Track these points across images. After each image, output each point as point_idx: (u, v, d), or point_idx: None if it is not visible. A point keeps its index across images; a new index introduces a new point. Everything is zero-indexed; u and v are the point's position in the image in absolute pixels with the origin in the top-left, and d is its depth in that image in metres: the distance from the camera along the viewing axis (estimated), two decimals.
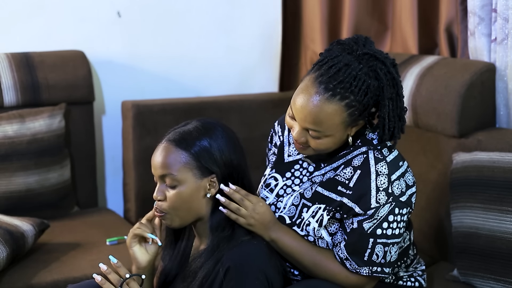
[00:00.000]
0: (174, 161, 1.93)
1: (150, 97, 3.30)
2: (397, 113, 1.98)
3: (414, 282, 2.17)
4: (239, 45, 3.52)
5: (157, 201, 1.97)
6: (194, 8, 3.42)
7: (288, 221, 2.07)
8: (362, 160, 2.00)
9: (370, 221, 1.96)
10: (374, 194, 1.96)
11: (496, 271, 2.26)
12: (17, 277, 2.47)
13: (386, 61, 1.96)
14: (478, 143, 2.45)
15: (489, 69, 2.55)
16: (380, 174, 1.97)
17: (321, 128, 1.94)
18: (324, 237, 2.03)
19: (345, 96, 1.92)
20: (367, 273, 1.99)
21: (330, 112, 1.92)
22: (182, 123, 2.01)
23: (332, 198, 2.02)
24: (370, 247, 1.98)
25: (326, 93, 1.92)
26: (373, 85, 1.93)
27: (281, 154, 2.18)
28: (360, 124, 2.00)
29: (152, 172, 1.98)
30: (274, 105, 3.35)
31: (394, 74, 1.96)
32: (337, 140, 1.99)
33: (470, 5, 2.63)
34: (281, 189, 2.13)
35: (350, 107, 1.93)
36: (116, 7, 3.30)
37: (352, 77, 1.92)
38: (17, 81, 3.00)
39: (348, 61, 1.94)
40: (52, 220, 2.82)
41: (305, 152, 2.04)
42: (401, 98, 1.99)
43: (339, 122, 1.94)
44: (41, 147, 2.93)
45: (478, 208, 2.31)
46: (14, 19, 3.15)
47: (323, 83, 1.93)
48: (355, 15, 3.19)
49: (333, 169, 2.06)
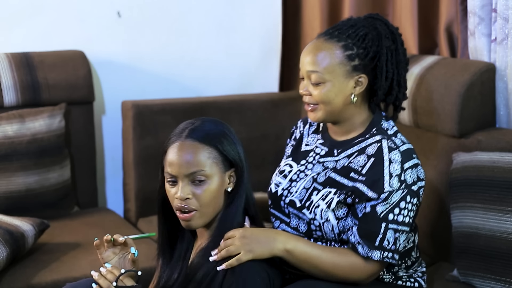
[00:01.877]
0: (204, 157, 1.93)
1: (150, 97, 3.30)
2: (395, 65, 2.10)
3: (413, 283, 2.17)
4: (239, 45, 3.52)
5: (183, 200, 1.93)
6: (194, 8, 3.42)
7: (298, 204, 2.10)
8: (376, 148, 2.05)
9: (383, 205, 2.00)
10: (387, 180, 2.00)
11: (496, 271, 2.26)
12: (17, 277, 2.47)
13: (388, 23, 2.12)
14: (478, 143, 2.45)
15: (489, 69, 2.55)
16: (393, 161, 2.02)
17: (318, 67, 2.06)
18: (330, 220, 2.05)
19: (342, 38, 2.07)
20: (379, 257, 2.00)
21: (327, 51, 2.06)
22: (187, 122, 2.00)
23: (344, 184, 2.05)
24: (382, 232, 2.00)
25: (325, 36, 2.10)
26: (371, 34, 2.08)
27: (299, 144, 2.25)
28: (364, 81, 2.09)
29: (172, 172, 1.93)
30: (274, 105, 3.35)
31: (394, 30, 2.11)
32: (338, 90, 2.07)
33: (470, 5, 2.63)
34: (295, 175, 2.17)
35: (348, 48, 2.06)
36: (116, 7, 3.30)
37: (350, 26, 2.09)
38: (17, 81, 3.00)
39: (350, 18, 2.15)
40: (52, 220, 2.82)
41: (315, 114, 2.11)
42: (399, 52, 2.11)
43: (336, 63, 2.06)
44: (41, 147, 2.93)
45: (478, 208, 2.31)
46: (14, 19, 3.15)
47: (323, 33, 2.12)
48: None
49: (347, 156, 2.11)
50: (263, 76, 3.59)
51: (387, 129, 2.12)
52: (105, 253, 2.04)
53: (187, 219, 1.95)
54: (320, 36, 2.11)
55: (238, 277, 1.89)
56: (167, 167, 1.95)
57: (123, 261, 2.04)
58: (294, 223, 2.13)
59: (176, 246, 2.07)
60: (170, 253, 2.08)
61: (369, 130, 2.12)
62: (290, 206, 2.13)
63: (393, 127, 2.14)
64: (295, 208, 2.11)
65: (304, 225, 2.11)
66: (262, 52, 3.57)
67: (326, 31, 2.12)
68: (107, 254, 2.04)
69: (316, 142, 2.21)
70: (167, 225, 2.06)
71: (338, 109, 2.10)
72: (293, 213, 2.13)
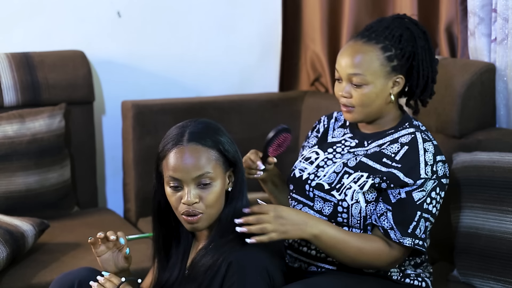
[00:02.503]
0: (208, 159, 1.93)
1: (150, 97, 3.30)
2: (430, 63, 2.16)
3: (421, 282, 2.17)
4: (239, 45, 3.52)
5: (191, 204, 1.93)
6: (194, 8, 3.42)
7: (327, 187, 2.12)
8: (410, 138, 2.11)
9: (419, 191, 2.04)
10: (423, 167, 2.05)
11: (496, 271, 2.26)
12: (17, 277, 2.47)
13: (416, 21, 2.19)
14: (478, 143, 2.45)
15: (489, 69, 2.55)
16: (428, 151, 2.08)
17: (361, 69, 2.10)
18: (360, 201, 2.07)
19: (380, 40, 2.12)
20: (410, 244, 2.04)
21: (368, 53, 2.11)
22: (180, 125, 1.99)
23: (377, 168, 2.09)
24: (416, 219, 2.04)
25: (363, 39, 2.14)
26: (406, 34, 2.13)
27: (325, 136, 2.29)
28: (401, 81, 2.14)
29: (177, 177, 1.92)
30: (274, 105, 3.35)
31: (424, 30, 2.18)
32: (379, 91, 2.11)
33: (470, 5, 2.63)
34: (322, 161, 2.20)
35: (387, 50, 2.11)
36: (116, 7, 3.30)
37: (385, 27, 2.14)
38: (17, 81, 3.00)
39: (381, 19, 2.19)
40: (52, 220, 2.82)
41: (351, 115, 2.15)
42: (432, 51, 2.16)
43: (378, 65, 2.10)
44: (41, 147, 2.93)
45: (478, 208, 2.31)
46: (14, 19, 3.16)
47: (359, 35, 2.16)
48: (355, 15, 3.19)
49: (378, 145, 2.15)
50: (263, 76, 3.59)
51: (418, 125, 2.19)
52: (99, 248, 2.05)
53: (193, 222, 1.95)
54: (357, 39, 2.15)
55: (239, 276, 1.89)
56: (169, 172, 1.94)
57: (116, 256, 2.05)
58: (318, 206, 2.14)
59: (172, 249, 2.07)
60: (166, 255, 2.07)
61: (402, 124, 2.18)
62: (317, 189, 2.14)
63: (423, 126, 2.20)
64: (322, 191, 2.13)
65: (329, 208, 2.12)
66: (262, 52, 3.57)
67: (362, 33, 2.16)
68: (101, 249, 2.05)
69: (344, 136, 2.25)
70: (162, 229, 2.06)
71: (376, 109, 2.15)
72: (319, 196, 2.14)
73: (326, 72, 3.36)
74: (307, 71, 3.50)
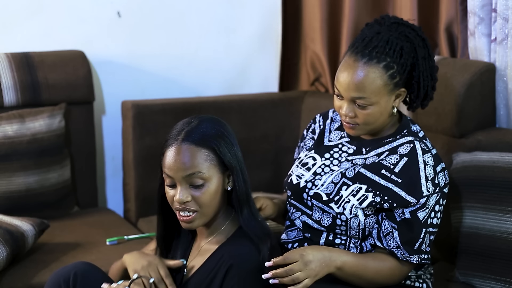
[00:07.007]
0: (201, 159, 1.93)
1: (150, 97, 3.30)
2: (430, 72, 2.11)
3: (422, 283, 2.17)
4: (239, 45, 3.52)
5: (182, 203, 1.94)
6: (194, 8, 3.42)
7: (325, 197, 2.11)
8: (409, 149, 2.08)
9: (423, 210, 2.03)
10: (424, 183, 2.03)
11: (496, 271, 2.26)
12: (17, 277, 2.47)
13: (414, 26, 2.10)
14: (478, 143, 2.45)
15: (489, 69, 2.55)
16: (427, 164, 2.05)
17: (365, 93, 2.04)
18: (358, 216, 2.06)
19: (382, 58, 2.05)
20: (417, 260, 2.05)
21: (371, 75, 2.04)
22: (184, 121, 2.00)
23: (375, 180, 2.07)
24: (422, 236, 2.04)
25: (364, 58, 2.05)
26: (406, 47, 2.07)
27: (321, 138, 2.26)
28: (403, 93, 2.10)
29: (170, 174, 1.94)
30: (274, 105, 3.35)
31: (423, 36, 2.10)
32: (383, 109, 2.08)
33: (470, 5, 2.63)
34: (319, 168, 2.18)
35: (389, 68, 2.05)
36: (116, 7, 3.30)
37: (385, 42, 2.06)
38: (17, 81, 3.00)
39: (379, 30, 2.09)
40: (52, 220, 2.82)
41: (355, 131, 2.12)
42: (432, 58, 2.12)
43: (381, 85, 2.05)
44: (41, 147, 2.93)
45: (478, 208, 2.31)
46: (14, 19, 3.15)
47: (359, 52, 2.07)
48: (355, 15, 3.19)
49: (376, 154, 2.13)
50: (263, 76, 3.59)
51: (417, 132, 2.15)
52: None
53: (187, 221, 1.96)
54: (357, 58, 2.06)
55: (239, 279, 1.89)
56: (165, 169, 1.96)
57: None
58: (317, 216, 2.13)
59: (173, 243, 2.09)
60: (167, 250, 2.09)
61: (400, 131, 2.15)
62: (315, 199, 2.13)
63: (421, 131, 2.18)
64: (320, 201, 2.12)
65: (328, 219, 2.11)
66: (262, 52, 3.57)
67: (362, 51, 2.06)
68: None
69: (341, 140, 2.22)
70: (165, 223, 2.07)
71: (380, 125, 2.12)
72: (317, 206, 2.13)
73: (326, 72, 3.36)
74: (307, 71, 3.50)
